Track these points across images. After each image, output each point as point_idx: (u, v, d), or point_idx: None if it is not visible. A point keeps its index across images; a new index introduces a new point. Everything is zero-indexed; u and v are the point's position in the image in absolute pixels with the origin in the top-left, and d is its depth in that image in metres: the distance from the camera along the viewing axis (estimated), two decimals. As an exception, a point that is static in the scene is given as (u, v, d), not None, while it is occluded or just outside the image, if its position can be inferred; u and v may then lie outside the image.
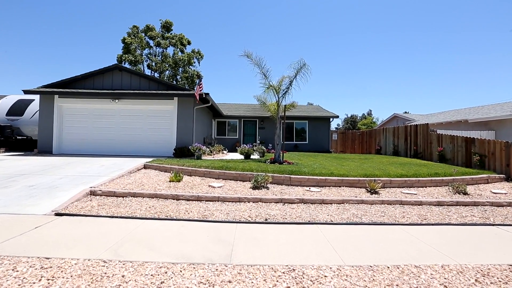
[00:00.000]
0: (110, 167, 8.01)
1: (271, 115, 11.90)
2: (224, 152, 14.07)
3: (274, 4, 58.49)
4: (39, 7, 48.16)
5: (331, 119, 18.72)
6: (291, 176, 6.54)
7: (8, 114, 12.99)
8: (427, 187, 6.69)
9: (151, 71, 28.59)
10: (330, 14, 63.29)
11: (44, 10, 48.80)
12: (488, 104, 16.94)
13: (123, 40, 26.89)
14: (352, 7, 59.02)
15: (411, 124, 14.54)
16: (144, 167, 8.03)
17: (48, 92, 11.19)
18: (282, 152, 9.14)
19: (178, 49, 29.01)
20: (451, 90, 75.44)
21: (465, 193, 6.01)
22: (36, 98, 13.05)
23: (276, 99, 9.26)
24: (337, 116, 18.72)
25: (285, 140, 10.42)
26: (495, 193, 6.26)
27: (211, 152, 11.96)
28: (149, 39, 28.54)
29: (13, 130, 12.78)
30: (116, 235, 3.43)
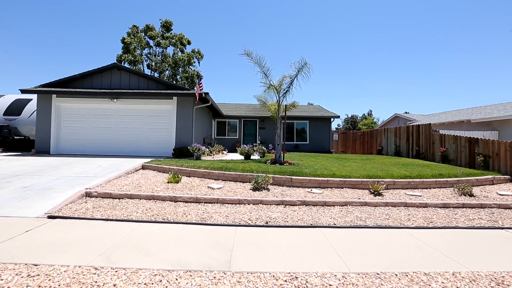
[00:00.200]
0: (107, 167, 7.86)
1: (271, 115, 11.74)
2: (224, 152, 13.91)
3: (274, 4, 58.43)
4: (39, 7, 48.11)
5: (332, 119, 18.56)
6: (292, 177, 6.39)
7: (6, 113, 12.83)
8: (431, 189, 6.53)
9: (151, 71, 28.43)
10: (330, 14, 63.20)
11: (43, 10, 48.76)
12: (491, 104, 16.77)
13: (123, 40, 26.72)
14: (352, 7, 58.93)
15: (413, 124, 14.38)
16: (142, 167, 7.89)
17: (46, 92, 11.04)
18: (282, 152, 8.99)
19: (178, 49, 28.82)
20: (451, 90, 75.30)
21: (471, 195, 5.86)
22: (34, 97, 12.92)
23: (276, 98, 9.10)
24: (338, 116, 18.56)
25: (285, 140, 10.26)
26: (501, 194, 6.10)
27: (210, 152, 11.80)
28: (149, 39, 28.37)
29: (10, 130, 12.63)
30: (110, 239, 3.28)
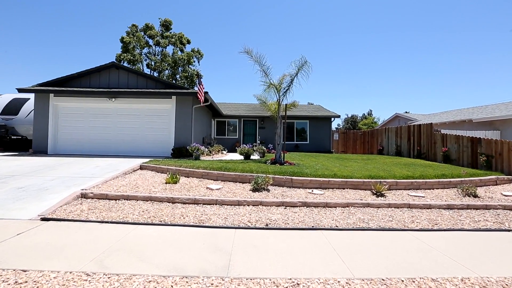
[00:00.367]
0: (105, 168, 7.74)
1: (271, 114, 11.61)
2: (224, 152, 13.78)
3: (274, 4, 58.27)
4: (38, 7, 47.93)
5: (332, 119, 18.43)
6: (293, 177, 6.27)
7: (3, 113, 12.70)
8: (434, 189, 6.42)
9: (150, 71, 28.29)
10: (330, 14, 63.01)
11: (42, 10, 48.56)
12: (492, 103, 16.66)
13: (122, 39, 26.57)
14: (352, 7, 58.77)
15: (414, 123, 14.26)
16: (140, 168, 7.77)
17: (43, 91, 10.92)
18: (283, 152, 8.87)
19: (178, 48, 28.68)
20: (451, 90, 75.17)
21: (475, 195, 5.74)
22: (32, 97, 12.77)
23: (276, 97, 8.98)
24: (338, 116, 18.44)
25: (285, 140, 10.15)
26: (506, 195, 5.98)
27: (210, 152, 11.68)
28: (148, 38, 28.25)
29: (7, 129, 12.49)
30: (105, 242, 3.16)
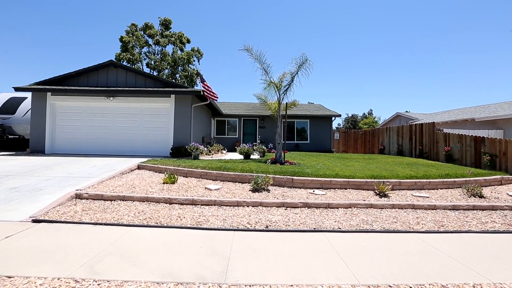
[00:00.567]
0: (102, 167, 7.60)
1: (271, 113, 11.46)
2: (223, 151, 13.64)
3: (274, 4, 57.96)
4: (37, 7, 47.74)
5: (333, 118, 18.28)
6: (294, 177, 6.12)
7: (0, 112, 12.56)
8: (438, 189, 6.26)
9: (150, 70, 28.13)
10: (330, 14, 62.71)
11: (42, 10, 48.38)
12: (495, 102, 16.49)
13: (121, 38, 26.41)
14: (352, 7, 58.50)
15: (416, 123, 14.10)
16: (138, 167, 7.62)
17: (40, 89, 10.77)
18: (283, 151, 8.72)
19: (178, 47, 28.51)
20: (451, 89, 74.84)
21: (481, 196, 5.59)
22: (29, 96, 12.63)
23: (277, 96, 8.83)
24: (339, 115, 18.28)
25: (286, 139, 10.03)
26: (512, 196, 5.84)
27: (209, 152, 11.54)
28: (148, 37, 28.10)
29: (4, 129, 12.36)
30: (97, 246, 3.02)
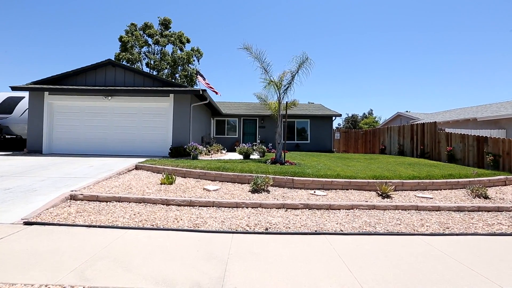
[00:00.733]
0: (99, 167, 7.48)
1: (271, 113, 11.36)
2: (223, 151, 13.52)
3: (274, 4, 57.76)
4: (37, 7, 47.61)
5: (333, 118, 18.15)
6: (294, 178, 6.00)
7: (-3, 112, 12.46)
8: (442, 190, 6.14)
9: (150, 70, 28.01)
10: (331, 14, 62.52)
11: (41, 10, 48.23)
12: (497, 102, 16.35)
13: (120, 38, 26.30)
14: (352, 7, 58.32)
15: (417, 122, 13.99)
16: (136, 168, 7.50)
17: (38, 89, 10.65)
18: (283, 151, 8.60)
19: (177, 47, 28.38)
20: (452, 89, 74.42)
21: (485, 197, 5.46)
22: (26, 95, 12.51)
23: (277, 96, 8.71)
24: (339, 115, 18.15)
25: (286, 139, 9.92)
26: (517, 196, 5.71)
27: (208, 151, 11.42)
28: (147, 37, 27.98)
29: (1, 129, 12.23)
30: (89, 250, 2.89)
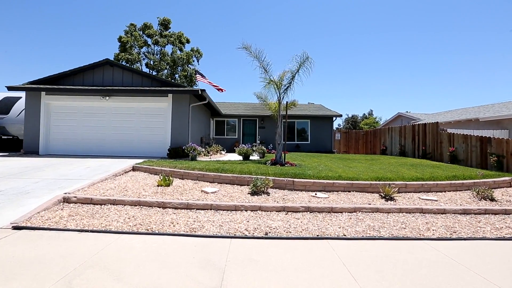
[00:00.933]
0: (96, 169, 7.32)
1: (271, 113, 11.24)
2: (222, 152, 13.36)
3: (274, 4, 57.59)
4: (36, 7, 47.49)
5: (333, 118, 18.00)
6: (295, 179, 5.84)
7: (-6, 112, 12.31)
8: (446, 192, 5.99)
9: (149, 70, 27.86)
10: (331, 14, 62.40)
11: (40, 9, 48.08)
12: (499, 102, 16.20)
13: (120, 38, 26.14)
14: (353, 7, 58.20)
15: (419, 123, 13.83)
16: (133, 169, 7.34)
17: (34, 89, 10.50)
18: (283, 152, 8.45)
19: (177, 47, 28.24)
20: (452, 89, 74.07)
21: (492, 199, 5.31)
22: (23, 95, 12.37)
23: (277, 96, 8.56)
24: (340, 115, 18.00)
25: (286, 140, 9.78)
26: (524, 199, 5.55)
27: (207, 152, 11.26)
28: (146, 37, 27.84)
29: (-2, 129, 12.11)
30: (79, 256, 2.74)
